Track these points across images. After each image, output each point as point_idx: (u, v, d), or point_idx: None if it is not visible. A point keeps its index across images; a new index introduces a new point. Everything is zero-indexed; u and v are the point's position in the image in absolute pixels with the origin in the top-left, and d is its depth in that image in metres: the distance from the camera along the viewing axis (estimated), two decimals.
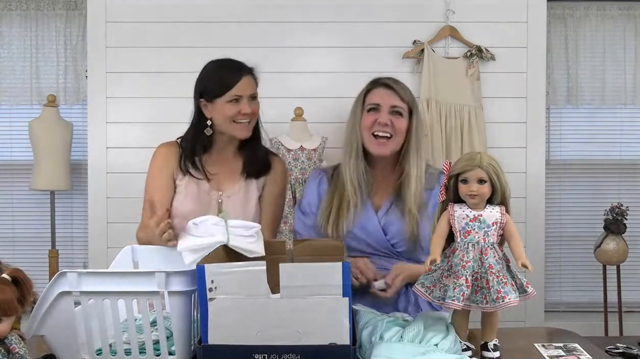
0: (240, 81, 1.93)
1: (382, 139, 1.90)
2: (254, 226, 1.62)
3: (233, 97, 1.92)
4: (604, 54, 3.26)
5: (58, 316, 1.34)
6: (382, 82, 1.95)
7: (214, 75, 1.97)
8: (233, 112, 1.92)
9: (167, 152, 2.03)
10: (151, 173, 2.04)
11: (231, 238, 1.54)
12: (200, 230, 1.58)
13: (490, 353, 1.45)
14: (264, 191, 2.06)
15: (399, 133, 1.90)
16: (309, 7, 3.06)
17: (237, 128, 1.95)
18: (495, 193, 1.45)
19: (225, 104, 1.92)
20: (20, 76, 3.25)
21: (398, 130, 1.90)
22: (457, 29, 3.07)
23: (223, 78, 1.94)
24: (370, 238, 1.92)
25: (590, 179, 3.39)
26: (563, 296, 3.41)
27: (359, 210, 1.92)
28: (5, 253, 3.24)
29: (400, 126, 1.90)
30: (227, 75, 1.94)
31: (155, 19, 3.07)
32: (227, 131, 1.97)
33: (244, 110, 1.93)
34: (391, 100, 1.91)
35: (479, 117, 3.02)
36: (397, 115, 1.90)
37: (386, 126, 1.89)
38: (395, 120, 1.90)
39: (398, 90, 1.92)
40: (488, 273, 1.40)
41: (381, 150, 1.91)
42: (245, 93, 1.94)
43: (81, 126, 3.23)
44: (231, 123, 1.94)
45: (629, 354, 1.91)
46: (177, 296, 1.33)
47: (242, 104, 1.93)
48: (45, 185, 3.06)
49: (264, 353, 1.28)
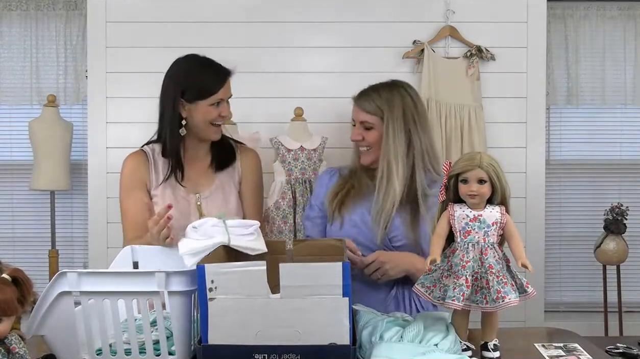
0: (224, 85, 1.94)
1: (363, 149, 2.02)
2: (253, 223, 1.61)
3: (216, 100, 1.92)
4: (604, 54, 3.25)
5: (58, 316, 1.34)
6: (355, 98, 2.04)
7: (198, 76, 1.94)
8: (214, 115, 1.93)
9: (135, 165, 2.00)
10: (123, 188, 2.01)
11: (232, 238, 1.54)
12: (199, 233, 1.57)
13: (490, 353, 1.45)
14: (241, 185, 2.06)
15: (373, 145, 1.99)
16: (309, 7, 3.06)
17: (213, 130, 1.96)
18: (495, 193, 1.45)
19: (207, 107, 1.92)
20: (20, 76, 3.25)
21: (370, 142, 1.99)
22: (457, 29, 3.07)
23: (209, 81, 1.93)
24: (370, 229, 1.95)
25: (590, 179, 3.39)
26: (563, 296, 3.41)
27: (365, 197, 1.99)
28: (5, 253, 3.24)
29: (371, 139, 1.99)
30: (212, 77, 1.94)
31: (155, 19, 3.07)
32: (203, 133, 1.96)
33: (223, 113, 1.94)
34: (359, 116, 2.00)
35: (479, 117, 3.02)
36: (367, 129, 1.99)
37: (360, 141, 2.01)
38: (366, 134, 1.99)
39: (363, 106, 1.99)
40: (488, 273, 1.40)
41: (364, 159, 2.03)
42: (226, 96, 1.96)
43: (81, 126, 3.23)
44: (209, 126, 1.94)
45: (629, 354, 1.92)
46: (177, 296, 1.33)
47: (222, 107, 1.94)
48: (45, 185, 3.06)
49: (264, 353, 1.28)
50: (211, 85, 1.92)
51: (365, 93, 2.03)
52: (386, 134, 1.95)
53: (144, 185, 1.99)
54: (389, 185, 1.93)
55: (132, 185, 1.98)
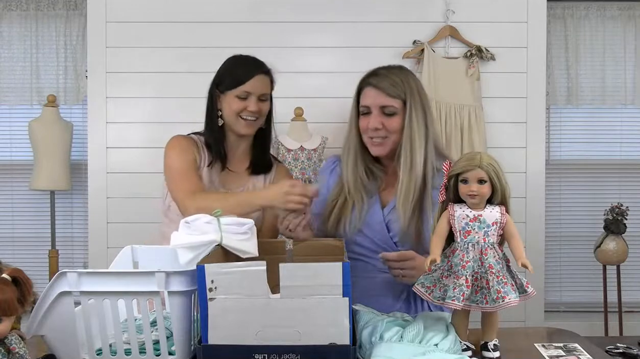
0: (252, 78, 1.95)
1: (377, 140, 1.86)
2: (247, 222, 1.59)
3: (242, 92, 1.95)
4: (604, 54, 3.26)
5: (58, 316, 1.34)
6: (370, 81, 1.86)
7: (230, 68, 2.00)
8: (239, 107, 1.95)
9: (184, 142, 2.02)
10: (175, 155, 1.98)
11: (224, 236, 1.53)
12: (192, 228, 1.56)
13: (490, 353, 1.45)
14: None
15: (393, 133, 1.84)
16: (309, 6, 3.07)
17: (241, 124, 1.97)
18: (495, 193, 1.45)
19: (233, 98, 1.95)
20: (20, 76, 3.25)
21: (391, 130, 1.83)
22: (457, 29, 3.07)
23: (237, 72, 1.97)
24: (373, 234, 1.87)
25: (590, 179, 3.39)
26: (563, 296, 3.41)
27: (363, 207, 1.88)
28: (5, 253, 3.24)
29: (393, 126, 1.83)
30: (241, 70, 1.97)
31: (155, 19, 3.07)
32: (232, 125, 1.99)
33: (250, 107, 1.95)
34: (380, 100, 1.83)
35: (479, 117, 3.02)
36: (388, 116, 1.83)
37: (377, 130, 1.83)
38: (386, 121, 1.83)
39: (385, 89, 1.83)
40: (488, 273, 1.40)
41: (378, 150, 1.87)
42: (254, 91, 1.95)
43: (81, 126, 3.23)
44: (237, 118, 1.96)
45: (629, 354, 1.92)
46: (177, 296, 1.33)
47: (249, 101, 1.95)
48: (45, 185, 3.07)
49: (264, 353, 1.28)
50: (239, 76, 1.96)
51: (381, 74, 1.86)
52: (409, 119, 1.81)
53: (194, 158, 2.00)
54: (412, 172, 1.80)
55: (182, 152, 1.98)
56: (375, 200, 1.90)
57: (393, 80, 1.84)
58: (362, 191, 1.89)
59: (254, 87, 1.95)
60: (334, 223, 1.89)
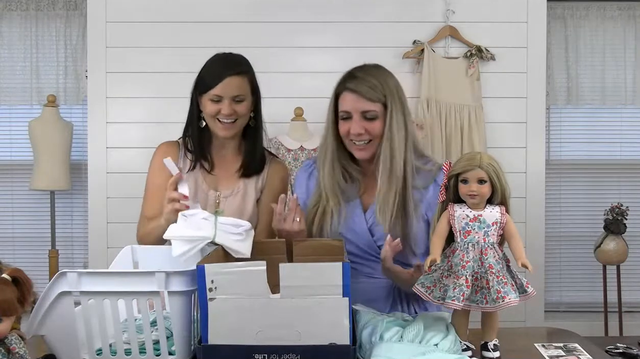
0: (222, 82, 1.89)
1: (360, 144, 1.81)
2: (244, 224, 1.59)
3: (213, 96, 1.90)
4: (604, 54, 3.26)
5: (58, 316, 1.34)
6: (348, 85, 1.80)
7: (203, 70, 1.96)
8: (213, 110, 1.91)
9: (167, 150, 2.01)
10: (151, 171, 2.03)
11: (218, 234, 1.53)
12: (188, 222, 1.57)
13: (490, 353, 1.45)
14: (262, 194, 2.03)
15: (376, 137, 1.78)
16: (309, 7, 3.07)
17: (218, 126, 1.93)
18: (495, 193, 1.44)
19: (207, 101, 1.92)
20: (20, 76, 3.26)
21: (375, 134, 1.78)
22: (457, 29, 3.07)
23: (208, 75, 1.93)
24: (357, 239, 1.83)
25: (590, 179, 3.39)
26: (563, 296, 3.41)
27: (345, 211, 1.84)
28: (5, 253, 3.24)
29: (376, 130, 1.78)
30: (211, 72, 1.93)
31: (155, 19, 3.07)
32: (212, 128, 1.96)
33: (224, 110, 1.89)
34: (360, 105, 1.77)
35: (479, 117, 3.02)
36: (369, 120, 1.77)
37: (360, 135, 1.78)
38: (368, 126, 1.77)
39: (365, 93, 1.77)
40: (488, 273, 1.40)
41: (362, 154, 1.82)
42: (225, 94, 1.89)
43: (81, 126, 3.23)
44: (214, 121, 1.93)
45: (629, 354, 1.92)
46: (177, 296, 1.33)
47: (222, 104, 1.89)
48: (45, 185, 3.07)
49: (264, 353, 1.28)
50: (209, 79, 1.91)
51: (359, 77, 1.79)
52: (389, 123, 1.76)
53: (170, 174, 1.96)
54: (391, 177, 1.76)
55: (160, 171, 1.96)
56: (356, 204, 1.86)
57: (372, 83, 1.78)
58: (340, 196, 1.84)
59: (224, 90, 1.89)
60: (317, 229, 1.85)
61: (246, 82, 1.94)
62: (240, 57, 1.99)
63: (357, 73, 1.81)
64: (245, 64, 1.96)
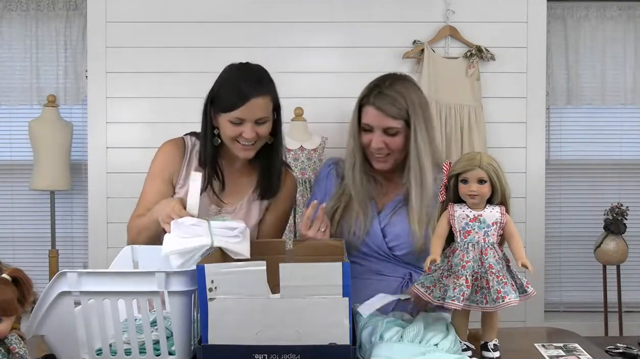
0: (245, 104, 1.72)
1: (380, 156, 1.84)
2: (238, 226, 1.57)
3: (235, 119, 1.74)
4: (604, 54, 3.26)
5: (58, 316, 1.34)
6: (371, 100, 1.81)
7: (225, 87, 1.78)
8: (234, 133, 1.76)
9: (171, 153, 1.90)
10: (151, 172, 1.92)
11: (215, 239, 1.53)
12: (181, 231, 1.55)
13: (490, 353, 1.45)
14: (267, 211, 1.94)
15: (395, 151, 1.82)
16: (309, 6, 3.07)
17: (238, 148, 1.79)
18: (495, 193, 1.45)
19: (227, 122, 1.76)
20: (20, 76, 3.25)
21: (394, 148, 1.82)
22: (457, 29, 3.07)
23: (229, 95, 1.75)
24: (370, 239, 1.86)
25: (590, 179, 3.39)
26: (563, 296, 3.41)
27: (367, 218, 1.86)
28: (5, 253, 3.24)
29: (396, 145, 1.81)
30: (233, 93, 1.74)
31: (155, 19, 3.07)
32: (230, 148, 1.82)
33: (246, 134, 1.74)
34: (382, 122, 1.79)
35: (479, 117, 3.02)
36: (390, 135, 1.80)
37: (380, 149, 1.81)
38: (389, 141, 1.80)
39: (387, 110, 1.78)
40: (488, 273, 1.40)
41: (381, 166, 1.86)
42: (249, 117, 1.74)
43: (81, 126, 3.23)
44: (233, 142, 1.79)
45: (629, 354, 1.92)
46: (177, 296, 1.33)
47: (245, 127, 1.74)
48: (45, 185, 3.07)
49: (264, 353, 1.28)
50: (231, 101, 1.74)
51: (382, 92, 1.80)
52: (415, 140, 1.79)
53: (171, 178, 1.89)
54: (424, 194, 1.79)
55: (159, 175, 1.89)
56: (372, 205, 1.90)
57: (395, 99, 1.79)
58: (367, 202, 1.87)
59: (247, 113, 1.73)
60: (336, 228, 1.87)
61: (269, 102, 1.78)
62: (262, 73, 1.82)
63: (383, 88, 1.82)
64: (268, 81, 1.80)
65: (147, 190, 1.92)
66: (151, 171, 1.93)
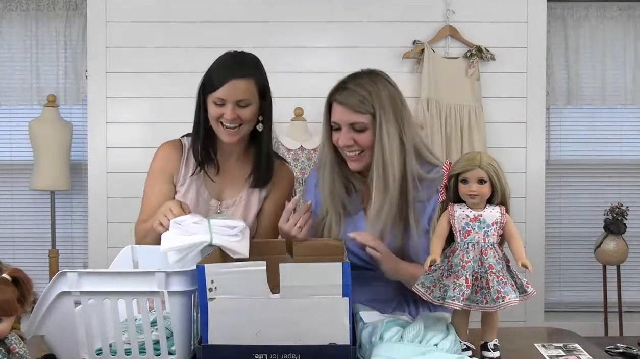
0: (225, 84, 1.78)
1: (353, 155, 1.78)
2: (237, 224, 1.57)
3: (217, 99, 1.79)
4: (604, 53, 3.26)
5: (58, 316, 1.33)
6: (337, 97, 1.78)
7: (211, 70, 1.86)
8: (217, 113, 1.81)
9: (169, 153, 1.94)
10: (151, 174, 1.95)
11: (214, 237, 1.53)
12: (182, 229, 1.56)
13: (490, 353, 1.45)
14: (265, 201, 1.96)
15: (366, 148, 1.75)
16: (309, 6, 3.07)
17: (222, 131, 1.83)
18: (495, 193, 1.44)
19: (211, 103, 1.82)
20: (20, 76, 3.26)
21: (364, 145, 1.75)
22: (457, 29, 3.07)
23: (213, 76, 1.81)
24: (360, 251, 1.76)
25: (590, 179, 3.39)
26: (563, 296, 3.41)
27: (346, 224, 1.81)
28: (5, 253, 3.24)
29: (365, 141, 1.75)
30: (216, 73, 1.81)
31: (155, 19, 3.07)
32: (215, 131, 1.86)
33: (227, 115, 1.78)
34: (348, 117, 1.74)
35: (479, 117, 3.02)
36: (358, 131, 1.75)
37: (349, 146, 1.76)
38: (357, 137, 1.75)
39: (353, 105, 1.74)
40: (488, 273, 1.40)
41: (355, 165, 1.79)
42: (229, 98, 1.78)
43: (81, 126, 3.23)
44: (217, 125, 1.83)
45: (629, 354, 1.92)
46: (177, 296, 1.33)
47: (226, 108, 1.79)
48: (45, 185, 3.07)
49: (264, 353, 1.28)
50: (213, 80, 1.80)
51: (347, 88, 1.77)
52: (379, 133, 1.72)
53: (171, 177, 1.92)
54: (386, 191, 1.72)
55: (159, 175, 1.92)
56: (360, 216, 1.84)
57: (360, 95, 1.75)
58: (341, 209, 1.82)
59: (227, 93, 1.78)
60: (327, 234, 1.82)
61: (252, 86, 1.82)
62: (250, 58, 1.87)
63: (347, 84, 1.78)
64: (251, 66, 1.85)
65: (149, 193, 1.93)
66: (151, 173, 1.95)
